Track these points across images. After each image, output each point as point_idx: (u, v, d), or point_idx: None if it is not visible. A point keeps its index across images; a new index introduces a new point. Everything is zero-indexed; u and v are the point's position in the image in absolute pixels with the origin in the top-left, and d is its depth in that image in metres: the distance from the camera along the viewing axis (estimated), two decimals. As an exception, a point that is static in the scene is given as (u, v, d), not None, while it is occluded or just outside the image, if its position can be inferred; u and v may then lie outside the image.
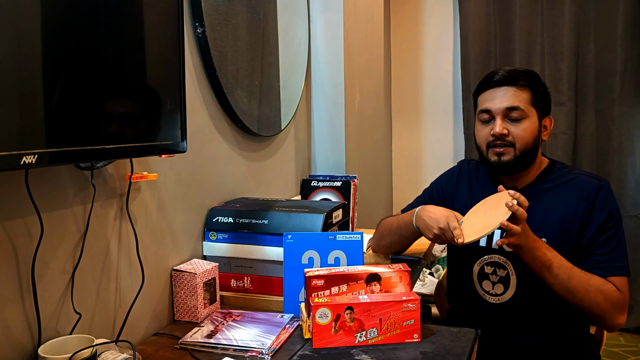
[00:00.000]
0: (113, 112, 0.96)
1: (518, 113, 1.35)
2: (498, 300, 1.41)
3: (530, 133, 1.36)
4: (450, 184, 1.56)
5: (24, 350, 0.97)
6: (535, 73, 1.42)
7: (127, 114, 1.00)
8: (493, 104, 1.37)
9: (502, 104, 1.36)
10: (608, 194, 1.35)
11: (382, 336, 1.15)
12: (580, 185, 1.36)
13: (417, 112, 3.48)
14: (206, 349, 1.15)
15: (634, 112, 2.98)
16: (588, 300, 1.27)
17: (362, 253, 1.32)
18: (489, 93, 1.39)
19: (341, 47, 2.22)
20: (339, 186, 2.02)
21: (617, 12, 2.92)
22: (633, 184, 2.99)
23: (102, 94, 0.93)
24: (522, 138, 1.35)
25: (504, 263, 1.40)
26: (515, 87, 1.36)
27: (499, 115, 1.36)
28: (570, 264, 1.28)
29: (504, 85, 1.37)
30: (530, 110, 1.36)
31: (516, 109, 1.35)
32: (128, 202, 1.20)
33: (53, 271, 1.02)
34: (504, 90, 1.36)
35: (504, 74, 1.37)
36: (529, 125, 1.36)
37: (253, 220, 1.44)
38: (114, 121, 0.96)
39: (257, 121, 1.76)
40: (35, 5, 0.80)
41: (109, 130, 0.94)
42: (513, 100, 1.35)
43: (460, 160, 1.63)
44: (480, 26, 3.17)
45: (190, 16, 1.45)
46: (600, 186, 1.35)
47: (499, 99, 1.37)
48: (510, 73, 1.37)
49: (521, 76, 1.37)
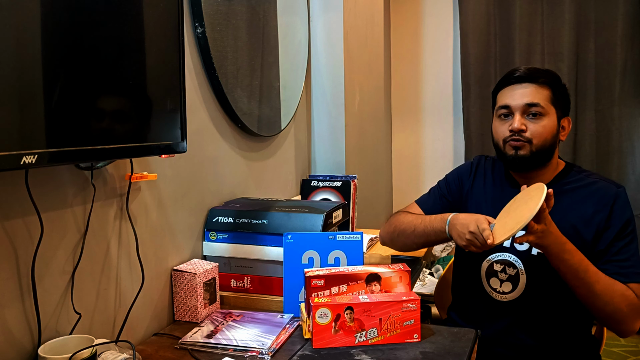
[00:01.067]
0: (113, 112, 0.96)
1: (537, 109, 1.34)
2: (504, 298, 1.41)
3: (549, 130, 1.35)
4: (467, 179, 1.54)
5: (24, 350, 0.97)
6: (556, 74, 1.41)
7: (127, 114, 1.00)
8: (513, 100, 1.37)
9: (522, 99, 1.35)
10: (626, 201, 1.35)
11: (382, 336, 1.15)
12: (599, 191, 1.36)
13: (417, 112, 3.48)
14: (206, 349, 1.15)
15: (634, 112, 2.98)
16: (612, 306, 1.26)
17: (362, 253, 1.32)
18: (508, 89, 1.39)
19: (341, 47, 2.22)
20: (339, 186, 2.02)
21: (617, 12, 2.92)
22: (633, 184, 2.99)
23: (101, 93, 0.93)
24: (540, 135, 1.34)
25: (514, 262, 1.40)
26: (535, 84, 1.35)
27: (518, 111, 1.36)
28: (596, 268, 1.27)
29: (524, 82, 1.36)
30: (550, 108, 1.36)
31: (536, 105, 1.34)
32: (128, 202, 1.20)
33: (53, 271, 1.02)
34: (524, 86, 1.36)
35: (525, 71, 1.37)
36: (548, 122, 1.35)
37: (253, 220, 1.45)
38: (114, 121, 0.96)
39: (257, 121, 1.76)
40: (36, 5, 0.80)
41: (109, 130, 0.94)
42: (533, 97, 1.35)
43: (477, 156, 1.60)
44: (480, 26, 3.17)
45: (190, 16, 1.45)
46: (618, 192, 1.35)
47: (519, 95, 1.36)
48: (531, 70, 1.37)
49: (542, 74, 1.37)
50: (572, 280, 1.27)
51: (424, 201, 1.58)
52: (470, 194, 1.51)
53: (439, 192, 1.57)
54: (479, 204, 1.48)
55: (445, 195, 1.55)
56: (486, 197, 1.48)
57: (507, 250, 1.41)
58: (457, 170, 1.59)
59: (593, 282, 1.26)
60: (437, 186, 1.60)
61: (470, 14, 3.18)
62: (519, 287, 1.39)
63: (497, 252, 1.42)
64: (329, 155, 2.28)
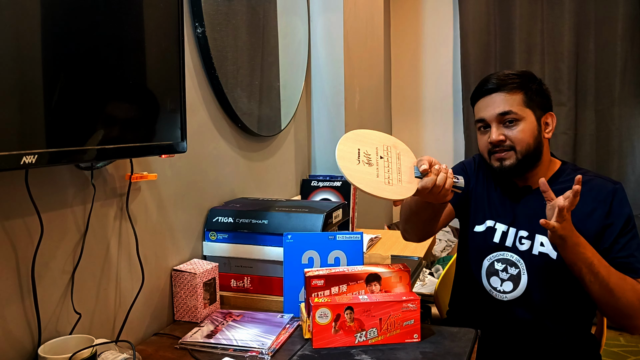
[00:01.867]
0: (113, 112, 0.96)
1: (511, 116, 1.35)
2: (504, 297, 1.41)
3: (529, 134, 1.36)
4: (473, 173, 1.54)
5: (24, 350, 0.97)
6: (528, 72, 1.41)
7: (127, 114, 1.00)
8: (486, 112, 1.38)
9: (494, 110, 1.36)
10: (624, 197, 1.35)
11: (382, 336, 1.15)
12: (596, 188, 1.36)
13: (417, 112, 3.48)
14: (206, 349, 1.15)
15: (634, 112, 2.98)
16: (624, 300, 1.25)
17: (362, 253, 1.32)
18: (482, 102, 1.40)
19: (341, 47, 2.22)
20: (339, 186, 2.02)
21: (617, 12, 2.92)
22: (633, 184, 2.99)
23: (101, 94, 0.93)
24: (521, 140, 1.35)
25: (516, 261, 1.40)
26: (505, 92, 1.36)
27: (493, 122, 1.37)
28: (606, 262, 1.27)
29: (494, 92, 1.37)
30: (525, 111, 1.36)
31: (508, 113, 1.35)
32: (128, 202, 1.20)
33: (53, 271, 1.02)
34: (494, 97, 1.37)
35: (494, 81, 1.38)
36: (526, 126, 1.36)
37: (253, 220, 1.44)
38: (114, 121, 0.96)
39: (257, 121, 1.76)
40: (35, 6, 0.80)
41: (109, 130, 0.94)
42: (504, 105, 1.35)
43: (477, 154, 1.58)
44: (480, 26, 3.18)
45: (190, 16, 1.45)
46: (616, 189, 1.35)
47: (491, 107, 1.37)
48: (500, 78, 1.38)
49: (511, 79, 1.37)
50: (587, 275, 1.25)
51: None
52: (474, 190, 1.52)
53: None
54: (481, 201, 1.49)
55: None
56: (488, 196, 1.48)
57: (509, 249, 1.41)
58: (461, 164, 1.59)
59: (607, 275, 1.25)
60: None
61: (470, 14, 3.18)
62: (520, 286, 1.39)
63: (498, 251, 1.42)
64: (329, 155, 2.28)
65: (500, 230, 1.43)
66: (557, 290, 1.37)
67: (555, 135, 3.01)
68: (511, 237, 1.42)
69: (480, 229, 1.47)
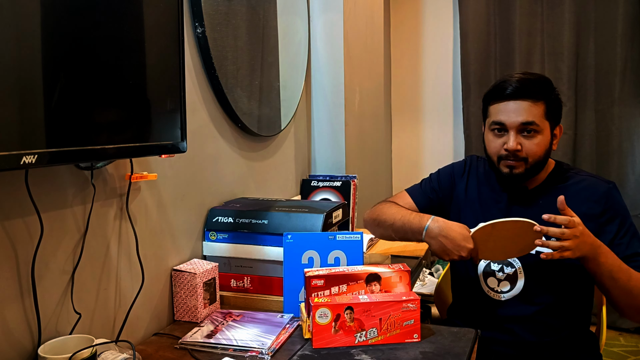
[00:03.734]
0: (113, 112, 0.96)
1: (533, 127, 1.33)
2: (502, 297, 1.41)
3: (544, 147, 1.35)
4: (459, 178, 1.54)
5: (24, 350, 0.97)
6: (547, 79, 1.39)
7: (126, 113, 1.00)
8: (508, 118, 1.34)
9: (517, 118, 1.33)
10: (618, 195, 1.36)
11: (382, 336, 1.15)
12: (589, 188, 1.36)
13: (417, 112, 3.48)
14: (206, 349, 1.15)
15: (634, 112, 2.98)
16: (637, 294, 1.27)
17: (362, 253, 1.32)
18: (502, 105, 1.35)
19: (341, 47, 2.22)
20: (339, 186, 2.02)
21: (617, 12, 2.92)
22: (633, 184, 2.99)
23: (101, 94, 0.93)
24: (535, 153, 1.34)
25: (512, 261, 1.40)
26: (530, 100, 1.32)
27: (513, 129, 1.34)
28: (625, 265, 1.27)
29: (518, 98, 1.33)
30: (544, 124, 1.34)
31: (531, 124, 1.32)
32: (128, 202, 1.20)
33: (53, 271, 1.02)
34: (519, 104, 1.33)
35: (518, 85, 1.33)
36: (542, 139, 1.34)
37: (253, 220, 1.44)
38: (114, 121, 0.96)
39: (257, 121, 1.76)
40: (35, 6, 0.80)
41: (109, 130, 0.94)
42: (528, 115, 1.32)
43: (470, 156, 1.60)
44: (480, 26, 3.17)
45: (190, 16, 1.45)
46: (610, 188, 1.35)
47: (513, 113, 1.33)
48: (524, 84, 1.33)
49: (535, 87, 1.34)
50: (608, 281, 1.26)
51: (413, 191, 1.59)
52: (463, 194, 1.52)
53: (430, 185, 1.58)
54: (473, 204, 1.49)
55: (436, 189, 1.55)
56: (480, 198, 1.48)
57: None
58: (450, 167, 1.59)
59: (626, 279, 1.25)
60: (429, 178, 1.60)
61: (470, 14, 3.18)
62: (517, 286, 1.39)
63: None
64: (329, 155, 2.28)
65: None
66: (554, 289, 1.37)
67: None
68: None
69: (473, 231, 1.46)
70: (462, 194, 1.52)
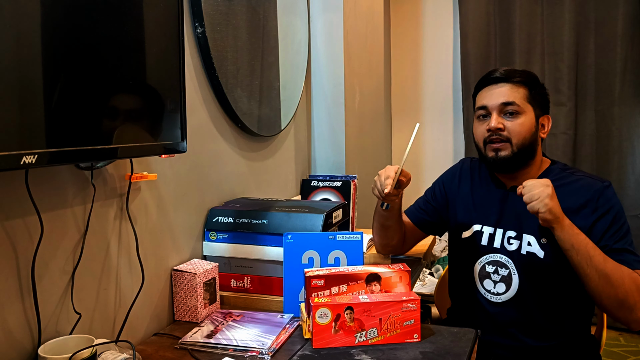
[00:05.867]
0: (113, 112, 0.96)
1: (513, 108, 1.37)
2: (499, 299, 1.41)
3: (527, 129, 1.37)
4: (452, 183, 1.56)
5: (24, 350, 0.97)
6: (534, 74, 1.44)
7: (127, 113, 1.00)
8: (489, 100, 1.40)
9: (498, 99, 1.38)
10: (613, 194, 1.35)
11: (382, 336, 1.15)
12: (584, 187, 1.36)
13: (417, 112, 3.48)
14: (206, 349, 1.15)
15: (634, 112, 2.98)
16: (623, 288, 1.23)
17: (362, 253, 1.32)
18: (485, 90, 1.43)
19: (341, 47, 2.22)
20: (339, 186, 2.02)
21: (617, 12, 2.92)
22: (633, 184, 2.99)
23: (101, 93, 0.93)
24: (519, 133, 1.36)
25: (505, 262, 1.40)
26: (511, 83, 1.39)
27: (494, 110, 1.39)
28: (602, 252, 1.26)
29: (500, 82, 1.40)
30: (526, 106, 1.38)
31: (511, 103, 1.37)
32: (128, 202, 1.20)
33: (53, 271, 1.02)
34: (500, 86, 1.40)
35: (501, 72, 1.40)
36: (525, 120, 1.37)
37: (253, 220, 1.44)
38: (114, 121, 0.96)
39: (257, 121, 1.76)
40: (35, 5, 0.80)
41: (109, 130, 0.94)
42: (509, 96, 1.38)
43: (462, 159, 1.64)
44: (480, 26, 3.17)
45: (190, 16, 1.45)
46: (605, 187, 1.35)
47: (495, 95, 1.39)
48: (507, 71, 1.40)
49: (518, 74, 1.40)
50: (583, 259, 1.23)
51: (408, 208, 1.63)
52: (457, 198, 1.53)
53: (424, 198, 1.62)
54: (466, 206, 1.50)
55: (430, 200, 1.59)
56: (474, 200, 1.49)
57: (498, 250, 1.42)
58: (442, 176, 1.63)
59: (602, 260, 1.23)
60: (424, 194, 1.64)
61: (470, 14, 3.18)
62: (512, 287, 1.39)
63: (487, 253, 1.43)
64: (329, 155, 2.28)
65: (487, 233, 1.44)
66: (549, 290, 1.36)
67: (555, 135, 3.02)
68: (499, 238, 1.42)
69: (467, 235, 1.48)
70: (455, 194, 1.54)
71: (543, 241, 1.35)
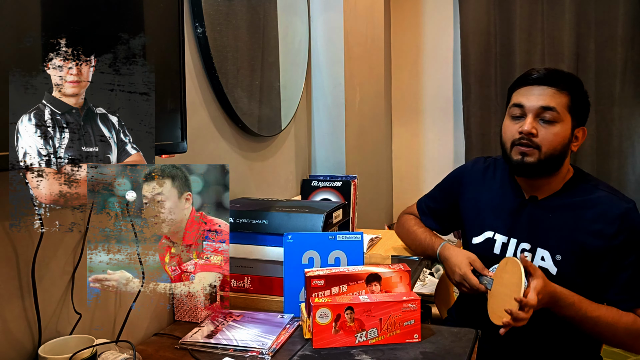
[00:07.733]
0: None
1: (552, 115, 1.28)
2: None
3: (561, 139, 1.29)
4: (459, 185, 1.53)
5: (24, 350, 0.97)
6: (580, 81, 1.35)
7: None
8: (528, 100, 1.30)
9: (537, 102, 1.28)
10: (636, 218, 1.28)
11: (382, 336, 1.15)
12: (605, 206, 1.29)
13: (417, 113, 3.48)
14: (206, 349, 1.15)
15: (634, 112, 2.99)
16: (615, 340, 1.30)
17: (362, 253, 1.32)
18: (525, 89, 1.32)
19: (341, 47, 2.22)
20: (339, 186, 2.02)
21: (617, 12, 2.92)
22: (633, 184, 2.99)
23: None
24: (550, 143, 1.28)
25: None
26: (554, 88, 1.29)
27: (531, 112, 1.29)
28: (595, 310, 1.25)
29: (543, 84, 1.30)
30: (566, 116, 1.29)
31: (551, 109, 1.27)
32: (128, 202, 1.20)
33: (53, 271, 1.02)
34: (542, 89, 1.29)
35: (545, 72, 1.30)
36: (561, 130, 1.28)
37: (253, 220, 1.44)
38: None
39: (257, 121, 1.76)
40: (35, 5, 0.80)
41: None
42: (549, 101, 1.28)
43: (475, 158, 1.57)
44: (480, 26, 3.18)
45: (190, 16, 1.45)
46: (629, 210, 1.28)
47: (535, 97, 1.29)
48: (552, 72, 1.31)
49: (563, 78, 1.31)
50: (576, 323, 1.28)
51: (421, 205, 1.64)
52: (467, 200, 1.50)
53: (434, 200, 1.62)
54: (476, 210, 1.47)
55: (439, 200, 1.60)
56: (486, 204, 1.46)
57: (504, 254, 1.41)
58: (450, 176, 1.59)
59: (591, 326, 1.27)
60: (435, 190, 1.63)
61: (470, 14, 3.18)
62: None
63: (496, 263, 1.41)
64: (329, 155, 2.28)
65: (500, 242, 1.41)
66: None
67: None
68: (512, 249, 1.39)
69: (478, 241, 1.45)
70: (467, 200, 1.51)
71: (557, 257, 1.31)
